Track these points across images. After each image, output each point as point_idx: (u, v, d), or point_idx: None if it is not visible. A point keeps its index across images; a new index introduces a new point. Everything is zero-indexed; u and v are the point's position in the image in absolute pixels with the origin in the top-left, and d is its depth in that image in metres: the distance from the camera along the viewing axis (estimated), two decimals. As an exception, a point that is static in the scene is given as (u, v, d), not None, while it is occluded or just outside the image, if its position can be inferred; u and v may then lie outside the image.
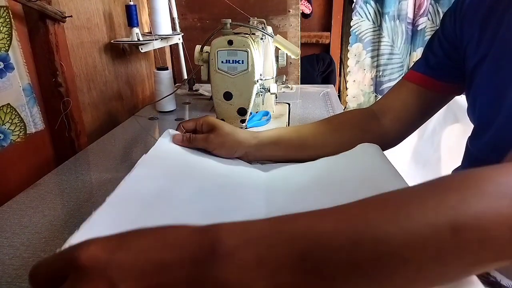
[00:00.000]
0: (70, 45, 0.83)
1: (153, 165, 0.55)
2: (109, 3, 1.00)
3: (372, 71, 1.74)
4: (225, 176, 0.58)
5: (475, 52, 0.55)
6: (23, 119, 0.56)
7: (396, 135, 0.69)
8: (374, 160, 0.59)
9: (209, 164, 0.61)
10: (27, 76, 0.55)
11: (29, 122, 0.56)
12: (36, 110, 0.57)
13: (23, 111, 0.56)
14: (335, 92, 1.30)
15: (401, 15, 1.62)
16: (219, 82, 0.68)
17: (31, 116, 0.56)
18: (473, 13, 0.56)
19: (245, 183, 0.56)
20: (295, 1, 1.35)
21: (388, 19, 1.62)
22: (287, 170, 0.62)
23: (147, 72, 1.28)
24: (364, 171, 0.55)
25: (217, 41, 0.66)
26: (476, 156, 0.59)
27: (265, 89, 0.79)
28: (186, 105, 1.14)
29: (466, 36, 0.57)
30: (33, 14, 0.71)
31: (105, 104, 1.01)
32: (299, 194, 0.53)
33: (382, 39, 1.66)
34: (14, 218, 0.53)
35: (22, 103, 0.55)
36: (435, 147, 1.72)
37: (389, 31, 1.64)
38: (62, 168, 0.70)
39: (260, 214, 0.47)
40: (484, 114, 0.56)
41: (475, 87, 0.57)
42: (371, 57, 1.72)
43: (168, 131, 0.64)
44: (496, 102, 0.52)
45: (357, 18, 1.66)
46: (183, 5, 1.36)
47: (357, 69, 1.74)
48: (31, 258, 0.45)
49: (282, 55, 0.95)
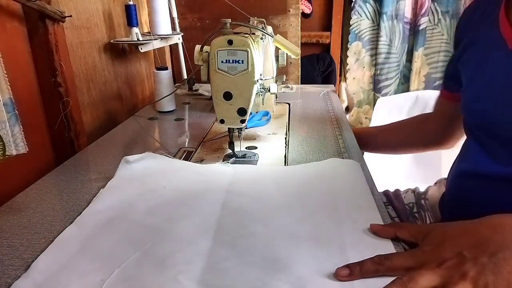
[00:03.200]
0: (70, 45, 0.82)
1: (108, 199, 0.58)
2: (108, 3, 1.00)
3: (371, 69, 1.74)
4: (184, 189, 0.61)
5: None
6: (2, 138, 0.51)
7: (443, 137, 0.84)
8: (346, 173, 0.63)
9: (171, 181, 0.63)
10: (8, 90, 0.50)
11: (9, 142, 0.50)
12: (18, 130, 0.52)
13: (3, 128, 0.48)
14: (335, 92, 1.30)
15: (398, 14, 1.63)
16: (219, 82, 0.68)
17: (12, 135, 0.51)
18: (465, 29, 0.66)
19: (205, 190, 0.60)
20: (295, 1, 1.35)
21: (386, 19, 1.62)
22: (252, 170, 0.67)
23: (146, 72, 1.27)
24: (328, 181, 0.59)
25: (217, 41, 0.66)
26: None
27: (265, 89, 0.79)
28: (186, 105, 1.14)
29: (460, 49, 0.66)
30: (33, 14, 0.71)
31: (105, 104, 1.00)
32: (257, 195, 0.57)
33: (380, 38, 1.66)
34: (13, 219, 0.53)
35: (2, 120, 0.49)
36: (435, 147, 1.72)
37: (387, 30, 1.65)
38: (61, 168, 0.70)
39: (212, 219, 0.52)
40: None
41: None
42: (370, 56, 1.73)
43: (124, 158, 0.67)
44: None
45: (356, 17, 1.66)
46: (183, 5, 1.36)
47: (357, 67, 1.75)
48: (31, 259, 0.45)
49: (282, 55, 0.95)
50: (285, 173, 0.66)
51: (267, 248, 0.45)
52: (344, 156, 0.71)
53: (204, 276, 0.41)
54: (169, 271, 0.42)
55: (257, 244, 0.46)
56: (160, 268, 0.42)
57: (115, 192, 0.60)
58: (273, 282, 0.40)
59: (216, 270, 0.42)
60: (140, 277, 0.41)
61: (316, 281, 0.40)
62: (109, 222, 0.52)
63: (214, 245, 0.46)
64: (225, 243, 0.47)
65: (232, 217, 0.52)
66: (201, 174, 0.65)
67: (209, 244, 0.46)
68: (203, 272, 0.42)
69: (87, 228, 0.50)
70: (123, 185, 0.62)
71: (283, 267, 0.42)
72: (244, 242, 0.47)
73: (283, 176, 0.64)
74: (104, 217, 0.53)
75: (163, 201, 0.57)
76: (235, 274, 0.41)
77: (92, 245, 0.47)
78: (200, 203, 0.56)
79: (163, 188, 0.61)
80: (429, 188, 0.81)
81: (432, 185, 0.81)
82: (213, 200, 0.56)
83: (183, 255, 0.44)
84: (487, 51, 0.57)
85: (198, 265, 0.43)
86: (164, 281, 0.40)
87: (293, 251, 0.45)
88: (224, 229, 0.49)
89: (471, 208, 0.59)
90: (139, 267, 0.43)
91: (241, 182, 0.62)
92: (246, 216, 0.52)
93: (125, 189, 0.61)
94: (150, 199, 0.58)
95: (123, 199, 0.58)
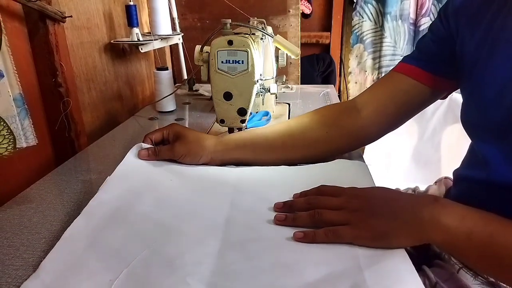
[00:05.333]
0: (70, 45, 0.82)
1: (115, 187, 0.58)
2: (109, 3, 1.00)
3: (374, 73, 1.73)
4: (191, 185, 0.60)
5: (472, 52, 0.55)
6: (13, 131, 0.52)
7: (376, 129, 0.67)
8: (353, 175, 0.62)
9: (177, 175, 0.63)
10: (18, 86, 0.52)
11: (19, 136, 0.51)
12: (27, 123, 0.53)
13: (13, 122, 0.51)
14: (335, 92, 1.30)
15: (403, 15, 1.59)
16: (219, 82, 0.68)
17: (22, 129, 0.52)
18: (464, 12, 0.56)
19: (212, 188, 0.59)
20: (295, 1, 1.35)
21: (390, 19, 1.59)
22: (259, 171, 0.65)
23: (147, 72, 1.28)
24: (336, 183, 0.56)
25: (217, 41, 0.66)
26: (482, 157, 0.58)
27: (265, 89, 0.79)
28: (186, 105, 1.14)
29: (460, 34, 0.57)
30: (33, 14, 0.71)
31: (105, 104, 1.01)
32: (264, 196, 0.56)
33: (385, 40, 1.63)
34: (14, 218, 0.53)
35: (12, 114, 0.51)
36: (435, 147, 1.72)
37: (391, 31, 1.61)
38: (62, 168, 0.70)
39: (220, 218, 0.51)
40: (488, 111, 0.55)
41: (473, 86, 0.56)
42: (372, 59, 1.70)
43: (136, 146, 0.67)
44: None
45: (357, 19, 1.64)
46: (183, 5, 1.36)
47: (359, 71, 1.73)
48: (31, 259, 0.45)
49: (282, 55, 0.95)
50: (292, 174, 0.64)
51: (277, 252, 0.45)
52: (343, 156, 0.71)
53: (213, 278, 0.40)
54: (177, 272, 0.41)
55: (266, 248, 0.45)
56: (169, 269, 0.42)
57: (121, 180, 0.59)
58: (284, 287, 0.39)
59: (226, 273, 0.41)
60: (148, 277, 0.41)
61: (327, 285, 0.39)
62: (116, 214, 0.51)
63: (223, 247, 0.45)
64: (234, 245, 0.46)
65: (241, 218, 0.51)
66: (207, 172, 0.64)
67: (218, 246, 0.46)
68: (212, 274, 0.41)
69: (95, 220, 0.50)
70: (130, 173, 0.61)
71: (293, 272, 0.41)
72: (253, 245, 0.46)
73: (290, 177, 0.63)
74: (111, 207, 0.53)
75: (170, 195, 0.57)
76: (245, 278, 0.41)
77: (99, 240, 0.46)
78: (208, 201, 0.55)
79: (169, 181, 0.60)
80: (429, 187, 0.81)
81: (432, 184, 0.81)
82: (221, 199, 0.56)
83: (192, 256, 0.44)
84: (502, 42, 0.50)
85: (207, 267, 0.42)
86: (172, 282, 0.40)
87: (303, 255, 0.44)
88: (233, 230, 0.49)
89: None
90: (147, 267, 0.42)
91: (248, 181, 0.61)
92: (254, 217, 0.51)
93: (132, 177, 0.60)
94: (157, 191, 0.57)
95: (130, 189, 0.57)
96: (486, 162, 0.54)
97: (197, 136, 0.66)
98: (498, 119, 0.50)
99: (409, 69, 0.63)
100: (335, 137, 0.67)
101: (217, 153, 0.65)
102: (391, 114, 0.65)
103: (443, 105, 1.66)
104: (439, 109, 1.69)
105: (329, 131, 0.66)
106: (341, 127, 0.67)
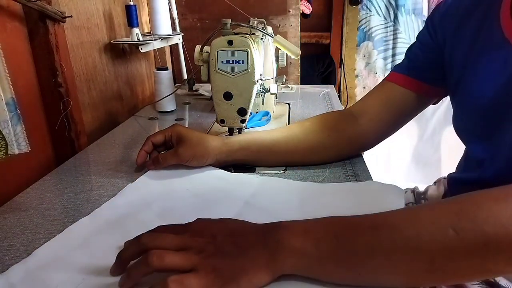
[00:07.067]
0: (70, 45, 0.82)
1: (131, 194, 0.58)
2: (109, 3, 1.00)
3: (385, 75, 1.63)
4: (203, 195, 0.59)
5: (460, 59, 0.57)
6: (5, 137, 0.51)
7: (373, 136, 0.69)
8: (383, 203, 0.54)
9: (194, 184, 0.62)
10: (10, 89, 0.51)
11: (11, 141, 0.51)
12: (20, 129, 0.53)
13: (5, 127, 0.50)
14: (335, 92, 1.30)
15: (416, 8, 1.40)
16: (219, 82, 0.68)
17: (14, 135, 0.52)
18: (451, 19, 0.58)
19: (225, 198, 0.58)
20: (295, 1, 1.35)
21: (405, 13, 1.38)
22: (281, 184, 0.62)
23: (147, 72, 1.28)
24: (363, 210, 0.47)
25: (217, 41, 0.66)
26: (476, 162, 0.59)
27: (265, 89, 0.79)
28: (186, 105, 1.14)
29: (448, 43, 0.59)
30: (33, 14, 0.71)
31: (105, 104, 1.01)
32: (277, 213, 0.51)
33: (399, 35, 1.41)
34: (14, 219, 0.53)
35: (5, 119, 0.50)
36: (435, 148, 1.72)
37: (406, 26, 1.41)
38: (62, 168, 0.70)
39: None
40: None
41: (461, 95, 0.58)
42: (383, 59, 1.48)
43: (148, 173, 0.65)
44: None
45: (364, 12, 1.44)
46: (183, 5, 1.36)
47: (367, 73, 1.52)
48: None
49: (282, 55, 0.95)
50: (315, 191, 0.60)
51: None
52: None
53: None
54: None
55: None
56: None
57: (140, 188, 0.60)
58: None
59: None
60: None
61: None
62: (120, 219, 0.52)
63: None
64: None
65: None
66: (227, 182, 0.63)
67: None
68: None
69: (99, 222, 0.51)
70: (151, 182, 0.62)
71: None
72: None
73: (311, 195, 0.59)
74: (119, 212, 0.53)
75: (179, 204, 0.56)
76: None
77: (92, 241, 0.47)
78: (213, 212, 0.53)
79: (185, 191, 0.60)
80: (428, 187, 0.81)
81: (431, 185, 0.81)
82: (226, 211, 0.54)
83: None
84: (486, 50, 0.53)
85: None
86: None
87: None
88: None
89: None
90: None
91: (264, 195, 0.59)
92: None
93: (151, 185, 0.61)
94: (167, 200, 0.57)
95: (143, 196, 0.58)
96: (478, 164, 0.56)
97: (201, 138, 0.65)
98: (484, 122, 0.52)
99: (398, 77, 0.66)
100: (336, 140, 0.68)
101: (222, 155, 0.65)
102: (386, 122, 0.67)
103: (443, 106, 1.66)
104: (439, 110, 1.69)
105: (331, 134, 0.68)
106: (341, 131, 0.69)
